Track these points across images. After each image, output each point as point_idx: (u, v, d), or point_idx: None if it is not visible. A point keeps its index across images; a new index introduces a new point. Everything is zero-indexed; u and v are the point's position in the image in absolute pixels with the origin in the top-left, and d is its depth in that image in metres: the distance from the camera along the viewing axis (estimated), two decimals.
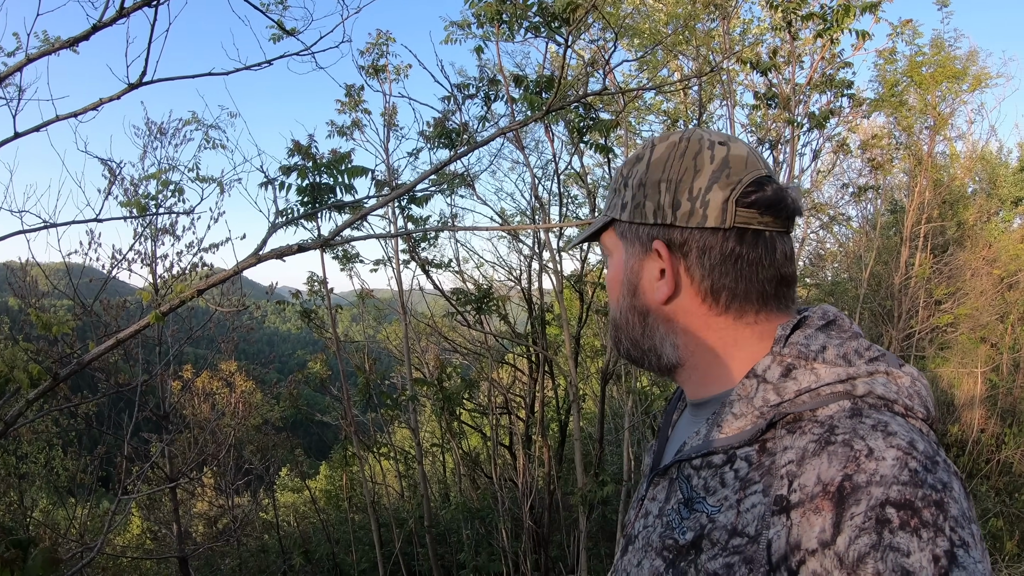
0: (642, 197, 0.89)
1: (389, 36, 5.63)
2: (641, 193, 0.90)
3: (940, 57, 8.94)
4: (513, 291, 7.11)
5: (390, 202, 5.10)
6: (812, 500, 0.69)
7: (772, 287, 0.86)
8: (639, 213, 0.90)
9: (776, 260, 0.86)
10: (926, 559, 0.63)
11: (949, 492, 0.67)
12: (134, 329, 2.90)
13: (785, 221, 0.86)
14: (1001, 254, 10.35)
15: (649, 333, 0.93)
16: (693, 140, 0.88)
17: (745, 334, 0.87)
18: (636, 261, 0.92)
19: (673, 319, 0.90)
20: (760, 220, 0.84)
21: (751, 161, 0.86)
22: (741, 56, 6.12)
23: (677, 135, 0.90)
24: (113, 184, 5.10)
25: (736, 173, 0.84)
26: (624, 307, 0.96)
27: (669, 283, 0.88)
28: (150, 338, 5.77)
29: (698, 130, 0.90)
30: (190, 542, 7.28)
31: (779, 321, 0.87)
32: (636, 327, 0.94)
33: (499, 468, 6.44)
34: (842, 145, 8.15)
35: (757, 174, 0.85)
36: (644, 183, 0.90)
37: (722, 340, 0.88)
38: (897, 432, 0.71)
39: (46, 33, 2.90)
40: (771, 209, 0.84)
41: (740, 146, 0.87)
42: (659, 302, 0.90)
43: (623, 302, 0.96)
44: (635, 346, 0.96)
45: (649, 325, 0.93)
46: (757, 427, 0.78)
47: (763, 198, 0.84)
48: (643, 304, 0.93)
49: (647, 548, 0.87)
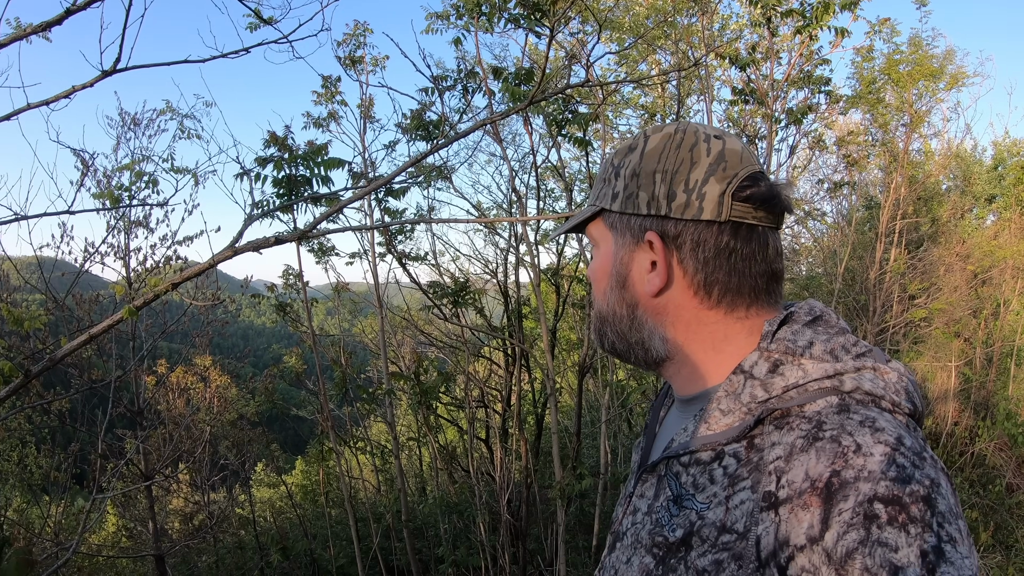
0: (635, 187, 0.88)
1: (367, 27, 5.59)
2: (635, 183, 0.88)
3: (917, 56, 9.03)
4: (489, 284, 7.10)
5: (367, 195, 5.07)
6: (800, 496, 0.69)
7: (763, 282, 0.86)
8: (632, 203, 0.89)
9: (768, 255, 0.86)
10: (914, 554, 0.63)
11: (936, 488, 0.67)
12: (107, 324, 2.85)
13: (777, 217, 0.87)
14: (975, 250, 10.48)
15: (637, 326, 0.92)
16: (689, 132, 0.88)
17: (735, 329, 0.87)
18: (626, 252, 0.91)
19: (663, 312, 0.90)
20: (754, 215, 0.84)
21: (745, 156, 0.86)
22: (720, 51, 6.15)
23: (672, 127, 0.90)
24: (86, 175, 5.04)
25: (732, 167, 0.84)
26: (612, 299, 0.94)
27: (661, 275, 0.87)
28: (124, 333, 5.69)
29: (692, 123, 0.90)
30: (166, 539, 7.22)
31: (768, 317, 0.87)
32: (624, 320, 0.93)
33: (476, 462, 6.44)
34: (818, 141, 8.21)
35: (752, 169, 0.85)
36: (638, 173, 0.88)
37: (712, 335, 0.88)
38: (885, 428, 0.71)
39: (19, 20, 2.84)
40: (765, 204, 0.84)
41: (734, 141, 0.88)
42: (650, 294, 0.89)
43: (611, 294, 0.94)
44: (621, 339, 0.95)
45: (638, 318, 0.92)
46: (745, 424, 0.78)
47: (758, 193, 0.84)
48: (632, 296, 0.92)
49: (636, 545, 0.87)
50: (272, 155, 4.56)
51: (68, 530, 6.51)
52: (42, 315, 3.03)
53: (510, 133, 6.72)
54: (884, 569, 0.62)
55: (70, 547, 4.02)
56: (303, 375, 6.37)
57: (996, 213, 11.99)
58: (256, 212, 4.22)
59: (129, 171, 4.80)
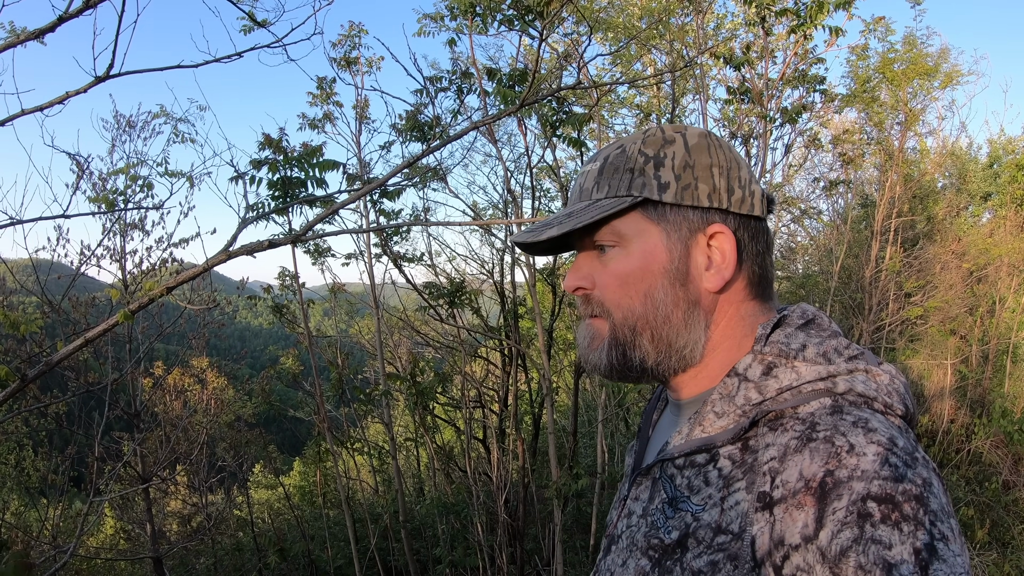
0: (692, 179, 0.86)
1: (362, 28, 5.59)
2: (690, 175, 0.86)
3: (912, 54, 9.05)
4: (485, 284, 7.10)
5: (362, 197, 5.07)
6: (795, 496, 0.70)
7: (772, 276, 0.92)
8: (690, 195, 0.85)
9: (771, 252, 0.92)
10: (907, 552, 0.64)
11: (929, 487, 0.68)
12: (103, 328, 2.85)
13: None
14: (970, 248, 10.50)
15: (690, 326, 0.87)
16: (712, 136, 0.90)
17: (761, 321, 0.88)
18: (682, 247, 0.86)
19: (713, 310, 0.88)
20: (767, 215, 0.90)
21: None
22: (714, 51, 6.16)
23: (695, 128, 0.90)
24: (81, 179, 5.03)
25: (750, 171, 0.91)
26: (665, 300, 0.87)
27: (730, 267, 0.85)
28: (120, 335, 5.69)
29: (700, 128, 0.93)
30: (164, 541, 7.22)
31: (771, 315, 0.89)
32: (677, 321, 0.87)
33: (473, 462, 6.44)
34: (814, 140, 8.24)
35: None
36: (692, 165, 0.86)
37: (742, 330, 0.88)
38: (877, 428, 0.72)
39: (12, 24, 2.85)
40: (771, 206, 0.90)
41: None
42: (713, 290, 0.86)
43: (661, 294, 0.87)
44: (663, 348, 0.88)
45: (693, 318, 0.87)
46: (740, 425, 0.79)
47: (768, 195, 0.89)
48: (694, 293, 0.87)
49: (632, 548, 0.87)
50: (266, 157, 4.56)
51: (66, 533, 6.51)
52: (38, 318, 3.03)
53: (505, 133, 6.73)
54: (878, 566, 0.63)
55: (68, 550, 4.02)
56: (300, 376, 6.37)
57: (992, 211, 12.01)
58: (251, 215, 4.22)
59: (124, 175, 4.80)
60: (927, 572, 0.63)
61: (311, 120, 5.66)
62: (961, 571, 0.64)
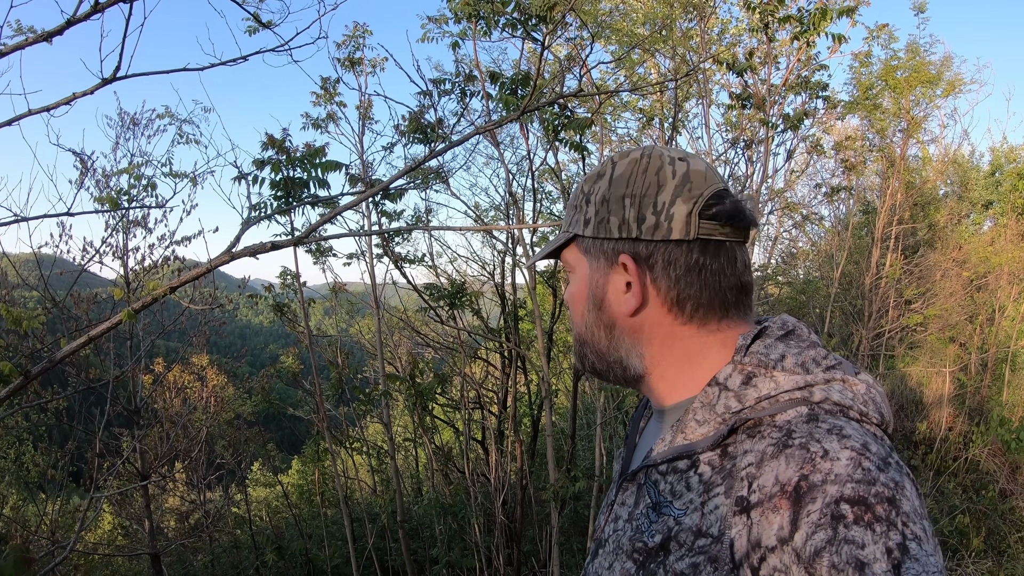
0: (606, 212, 0.92)
1: (366, 29, 5.60)
2: (605, 209, 0.92)
3: (915, 62, 9.05)
4: (486, 286, 7.12)
5: (365, 200, 5.09)
6: (771, 499, 0.72)
7: (733, 295, 0.90)
8: (603, 228, 0.92)
9: (737, 269, 0.89)
10: (880, 551, 0.65)
11: (901, 490, 0.70)
12: (106, 327, 2.87)
13: (743, 232, 0.90)
14: (971, 256, 10.51)
15: (615, 346, 0.95)
16: (654, 156, 0.91)
17: (709, 342, 0.90)
18: (601, 275, 0.94)
19: (639, 331, 0.93)
20: (721, 231, 0.87)
21: (709, 176, 0.89)
22: (718, 57, 6.17)
23: (637, 152, 0.93)
24: (85, 176, 5.05)
25: (697, 187, 0.88)
26: (590, 321, 0.97)
27: (637, 295, 0.90)
28: (122, 332, 5.71)
29: (657, 147, 0.94)
30: (162, 538, 7.23)
31: (741, 329, 0.91)
32: (602, 340, 0.96)
33: (471, 463, 6.45)
34: (816, 146, 8.25)
35: (716, 187, 0.89)
36: (608, 199, 0.92)
37: (687, 349, 0.91)
38: (851, 435, 0.74)
39: (19, 23, 2.86)
40: (731, 220, 0.87)
41: (698, 161, 0.91)
42: (626, 314, 0.92)
43: (588, 316, 0.98)
44: (600, 359, 0.98)
45: (615, 338, 0.95)
46: (719, 433, 0.81)
47: (724, 210, 0.87)
48: (610, 317, 0.94)
49: (618, 552, 0.90)
50: (270, 157, 4.57)
51: (64, 528, 6.52)
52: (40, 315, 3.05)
53: (508, 135, 6.73)
54: (851, 565, 0.65)
55: (66, 545, 4.04)
56: (300, 375, 6.38)
57: (993, 219, 12.02)
58: (253, 215, 4.25)
59: (128, 174, 4.82)
60: (900, 571, 0.65)
61: (315, 120, 5.68)
62: (934, 570, 0.66)
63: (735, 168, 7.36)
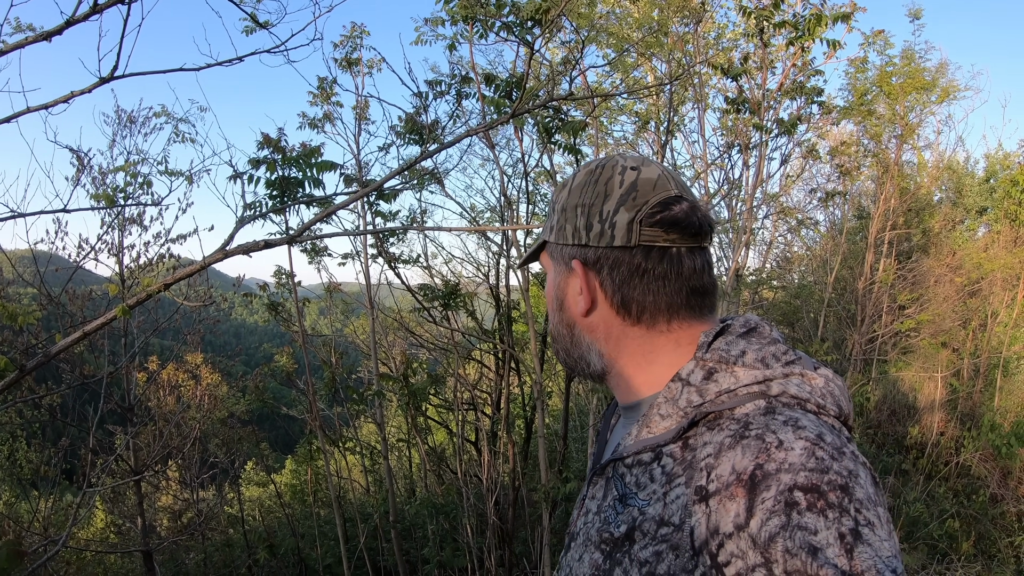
0: (563, 220, 0.99)
1: (363, 29, 5.61)
2: (563, 217, 0.99)
3: (910, 68, 9.10)
4: (481, 287, 7.13)
5: (359, 199, 5.10)
6: (728, 488, 0.74)
7: (681, 298, 0.93)
8: (561, 235, 0.99)
9: (684, 273, 0.92)
10: (832, 536, 0.68)
11: (855, 478, 0.73)
12: (101, 322, 2.89)
13: (692, 238, 0.92)
14: (965, 262, 10.56)
15: (576, 343, 1.02)
16: (607, 167, 0.97)
17: (659, 342, 0.95)
18: (562, 278, 1.02)
19: (595, 330, 0.99)
20: (665, 238, 0.91)
21: (660, 183, 0.93)
22: (713, 61, 6.20)
23: (596, 162, 0.99)
24: (82, 173, 5.06)
25: (643, 196, 0.92)
26: (555, 320, 1.06)
27: (586, 297, 0.97)
28: (116, 329, 5.70)
29: (616, 156, 0.99)
30: (155, 536, 7.22)
31: (695, 329, 0.94)
32: (566, 338, 1.04)
33: (464, 464, 6.46)
34: (811, 151, 8.27)
35: (665, 195, 0.92)
36: (566, 208, 0.99)
37: (640, 348, 0.96)
38: (807, 426, 0.77)
39: (19, 20, 2.88)
40: (676, 227, 0.91)
41: (652, 169, 0.95)
42: (580, 314, 0.99)
43: (554, 316, 1.06)
44: (568, 355, 1.05)
45: (576, 336, 1.02)
46: (680, 426, 0.85)
47: (668, 217, 0.91)
48: (569, 317, 1.02)
49: (587, 543, 0.93)
50: (265, 156, 4.59)
51: (57, 525, 6.52)
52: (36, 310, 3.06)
53: (503, 137, 6.75)
54: (803, 550, 0.67)
55: (58, 541, 4.04)
56: (294, 374, 6.38)
57: (987, 225, 12.07)
58: (248, 214, 4.26)
59: (124, 172, 4.83)
60: (852, 555, 0.67)
61: (311, 119, 5.68)
62: (888, 555, 0.68)
63: (730, 172, 7.40)
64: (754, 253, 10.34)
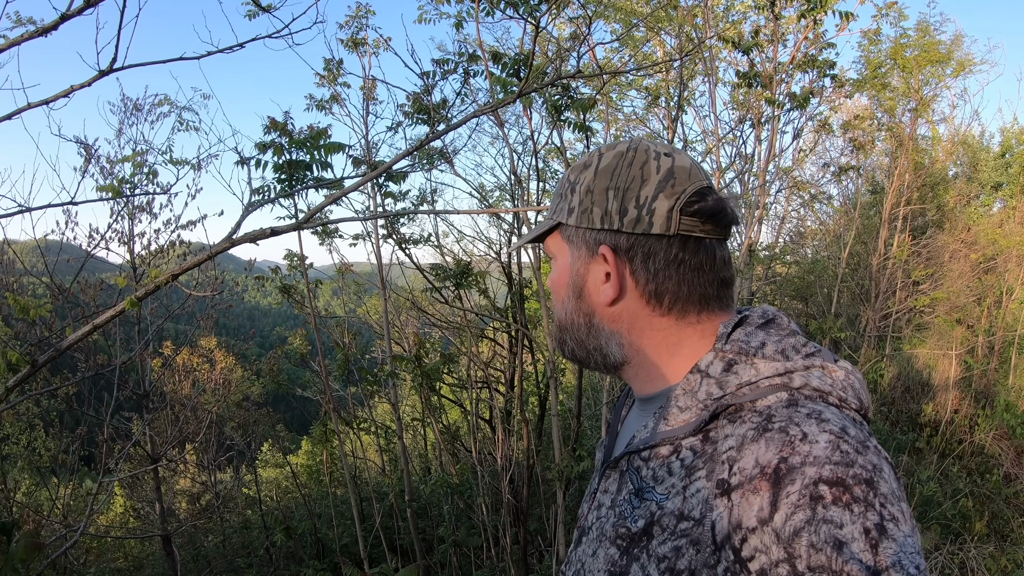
0: (590, 203, 0.93)
1: (369, 8, 5.58)
2: (589, 199, 0.93)
3: (925, 41, 8.96)
4: (493, 265, 7.11)
5: (368, 182, 5.08)
6: (751, 482, 0.73)
7: (713, 289, 0.92)
8: (587, 218, 0.94)
9: (716, 265, 0.91)
10: (858, 531, 0.67)
11: (879, 472, 0.72)
12: (110, 315, 2.89)
13: (724, 229, 0.91)
14: (980, 238, 10.45)
15: (594, 333, 0.97)
16: (640, 150, 0.93)
17: (687, 333, 0.92)
18: (582, 264, 0.96)
19: (618, 320, 0.95)
20: (702, 228, 0.89)
21: (694, 172, 0.91)
22: (723, 35, 6.13)
23: (624, 145, 0.95)
24: (89, 163, 5.08)
25: (681, 184, 0.89)
26: (570, 309, 0.99)
27: (615, 286, 0.92)
28: (129, 317, 5.74)
29: (644, 140, 0.95)
30: (173, 520, 7.31)
31: (720, 320, 0.92)
32: (581, 328, 0.98)
33: (479, 443, 6.49)
34: (824, 125, 8.19)
35: (699, 185, 0.90)
36: (592, 190, 0.93)
37: (666, 339, 0.93)
38: (830, 419, 0.76)
39: (18, 14, 2.88)
40: (712, 218, 0.89)
41: (684, 158, 0.92)
42: (604, 304, 0.94)
43: (568, 304, 1.00)
44: (580, 346, 1.00)
45: (594, 326, 0.97)
46: (701, 419, 0.83)
47: (705, 208, 0.88)
48: (589, 306, 0.96)
49: (601, 538, 0.92)
50: (272, 140, 4.57)
51: (76, 512, 6.61)
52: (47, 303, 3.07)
53: (513, 115, 6.69)
54: (829, 544, 0.66)
55: (78, 528, 4.09)
56: (308, 356, 6.42)
57: (1002, 201, 11.93)
58: (255, 200, 4.25)
59: (131, 162, 4.83)
60: (877, 550, 0.66)
61: (319, 101, 5.67)
62: (912, 551, 0.68)
63: (743, 147, 7.33)
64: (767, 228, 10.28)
